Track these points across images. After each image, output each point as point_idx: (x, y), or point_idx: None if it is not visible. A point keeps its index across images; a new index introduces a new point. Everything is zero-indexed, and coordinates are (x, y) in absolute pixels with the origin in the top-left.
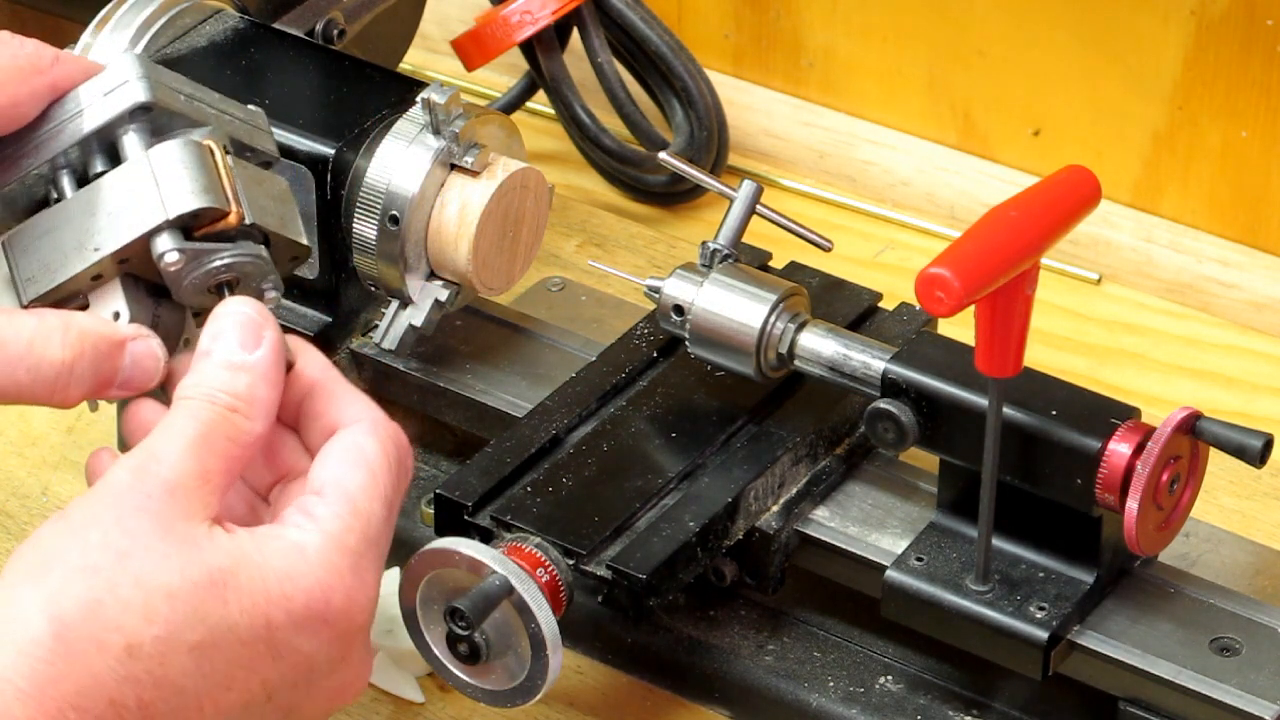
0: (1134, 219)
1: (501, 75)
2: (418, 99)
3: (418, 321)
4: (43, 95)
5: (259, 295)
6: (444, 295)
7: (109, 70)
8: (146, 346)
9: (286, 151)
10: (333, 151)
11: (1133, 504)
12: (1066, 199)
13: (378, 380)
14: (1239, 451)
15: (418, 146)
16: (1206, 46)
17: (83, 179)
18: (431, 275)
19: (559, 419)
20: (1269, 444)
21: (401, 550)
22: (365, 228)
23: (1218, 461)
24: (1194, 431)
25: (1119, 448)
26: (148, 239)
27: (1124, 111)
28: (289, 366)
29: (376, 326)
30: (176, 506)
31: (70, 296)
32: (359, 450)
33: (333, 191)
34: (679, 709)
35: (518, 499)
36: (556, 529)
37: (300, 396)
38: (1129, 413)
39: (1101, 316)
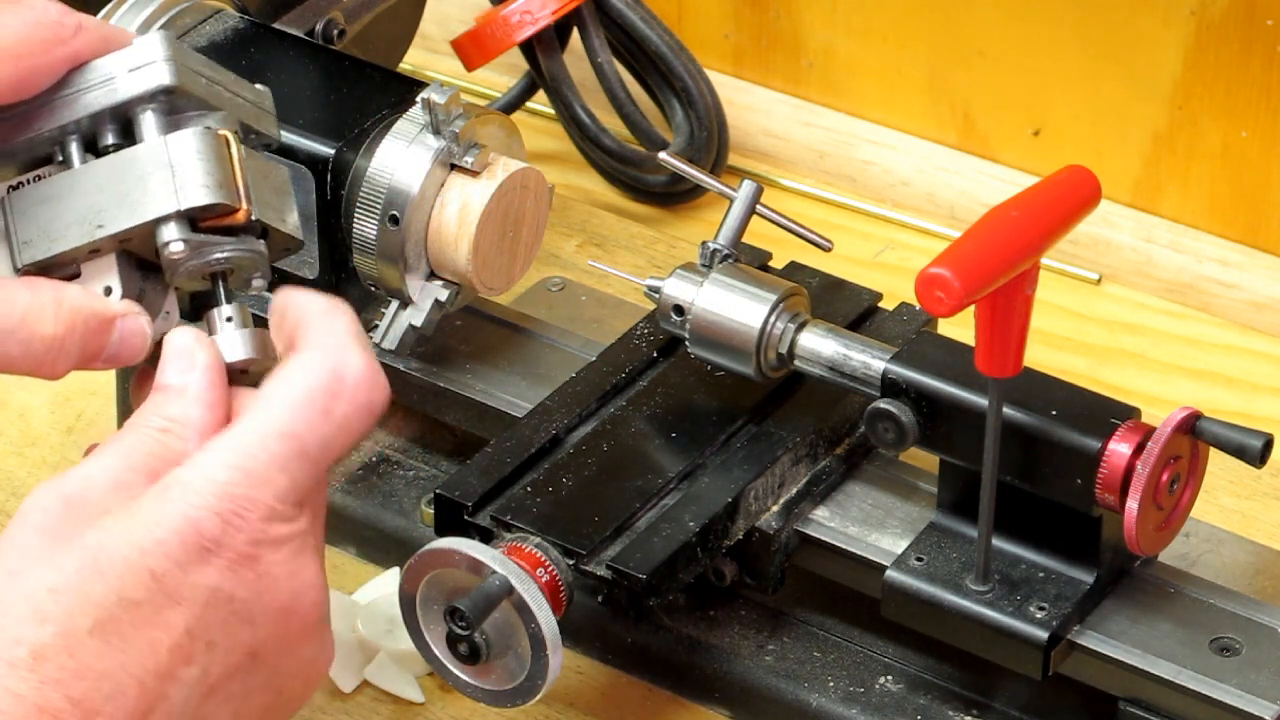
0: (1134, 219)
1: (501, 75)
2: (418, 99)
3: (418, 321)
4: (63, 65)
5: (247, 285)
6: (444, 295)
7: (136, 46)
8: (136, 324)
9: (286, 151)
10: (333, 151)
11: (1133, 504)
12: (1066, 199)
13: None
14: (1239, 451)
15: (418, 146)
16: (1206, 46)
17: (91, 148)
18: (431, 275)
19: (559, 419)
20: (1269, 444)
21: (401, 550)
22: (365, 228)
23: (1218, 461)
24: (1194, 431)
25: (1119, 448)
26: (154, 224)
27: (1124, 111)
28: (272, 365)
29: (376, 326)
30: (71, 515)
31: (64, 265)
32: (269, 392)
33: (333, 191)
34: (679, 709)
35: (518, 499)
36: (556, 529)
37: (290, 330)
38: (1129, 413)
39: (1101, 316)
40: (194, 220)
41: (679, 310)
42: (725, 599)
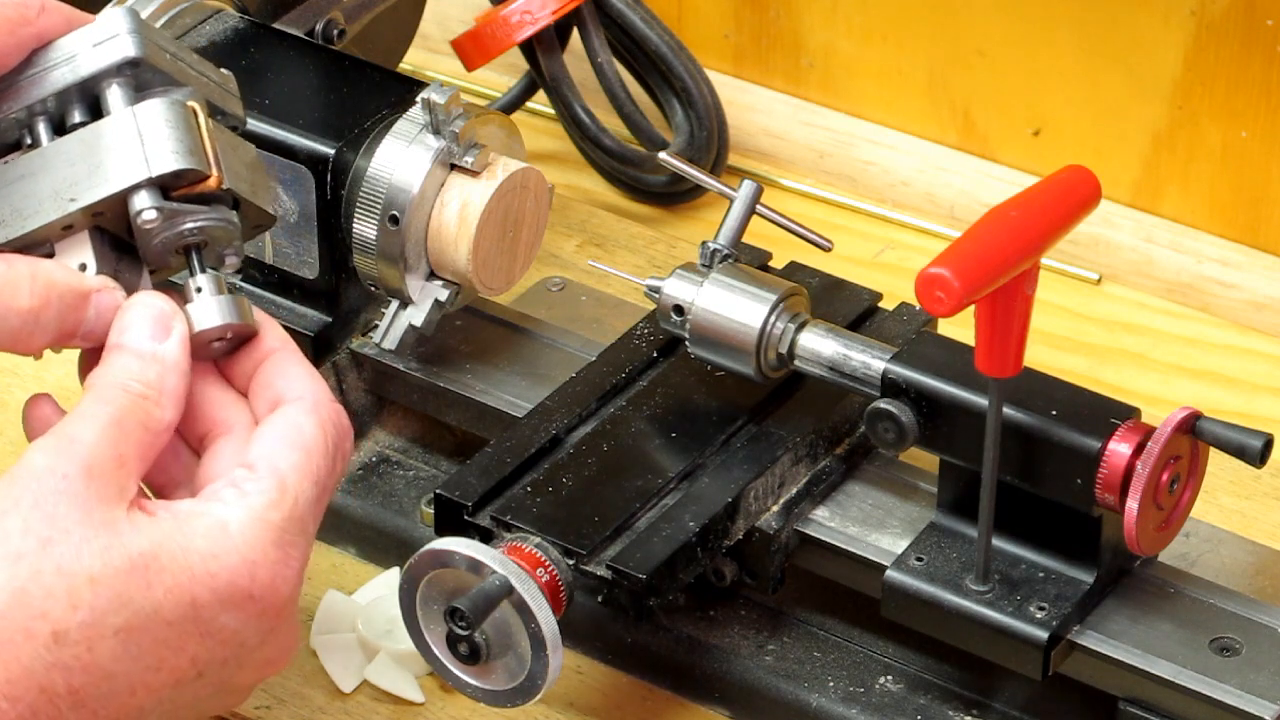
0: (1134, 219)
1: (501, 75)
2: (418, 99)
3: (418, 321)
4: (28, 45)
5: (220, 261)
6: (444, 295)
7: (99, 22)
8: (111, 299)
9: (287, 151)
10: (333, 151)
11: (1133, 504)
12: (1066, 199)
13: (378, 380)
14: (1239, 451)
15: (418, 146)
16: (1206, 46)
17: (59, 128)
18: (431, 275)
19: (559, 419)
20: (1269, 444)
21: (401, 550)
22: (365, 228)
23: (1218, 461)
24: (1194, 431)
25: (1119, 448)
26: (126, 195)
27: (1124, 111)
28: (250, 335)
29: (376, 326)
30: (94, 490)
31: (38, 244)
32: (296, 429)
33: (333, 191)
34: (679, 709)
35: (518, 499)
36: (556, 529)
37: (254, 365)
38: (1129, 413)
39: (1101, 316)
40: (166, 189)
41: (679, 310)
42: (725, 599)
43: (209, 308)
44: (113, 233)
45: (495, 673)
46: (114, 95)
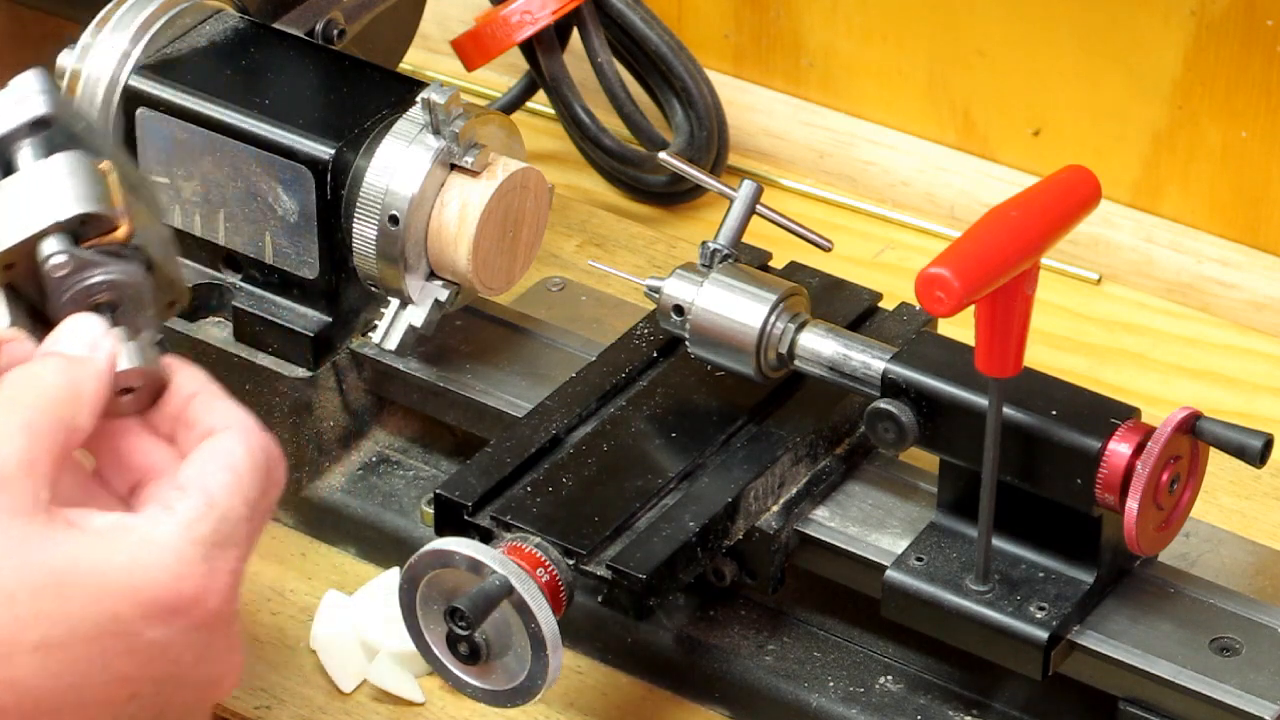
0: (1134, 219)
1: (501, 75)
2: (418, 99)
3: (418, 321)
4: None
5: (135, 330)
6: (444, 295)
7: (12, 84)
8: (23, 349)
9: (287, 151)
10: (333, 151)
11: (1133, 504)
12: (1066, 199)
13: (378, 380)
14: (1239, 451)
15: (418, 146)
16: (1206, 46)
17: None
18: (431, 275)
19: (559, 419)
20: (1269, 444)
21: (401, 550)
22: (365, 228)
23: (1218, 461)
24: (1194, 431)
25: (1119, 448)
26: (34, 242)
27: (1124, 111)
28: (163, 385)
29: (376, 326)
30: (4, 499)
31: None
32: (225, 452)
33: (333, 191)
34: (679, 709)
35: (518, 499)
36: (556, 529)
37: (177, 409)
38: (1129, 413)
39: (1101, 316)
40: (76, 238)
41: (679, 310)
42: (725, 599)
43: (127, 351)
44: (27, 298)
45: (495, 673)
46: (24, 154)
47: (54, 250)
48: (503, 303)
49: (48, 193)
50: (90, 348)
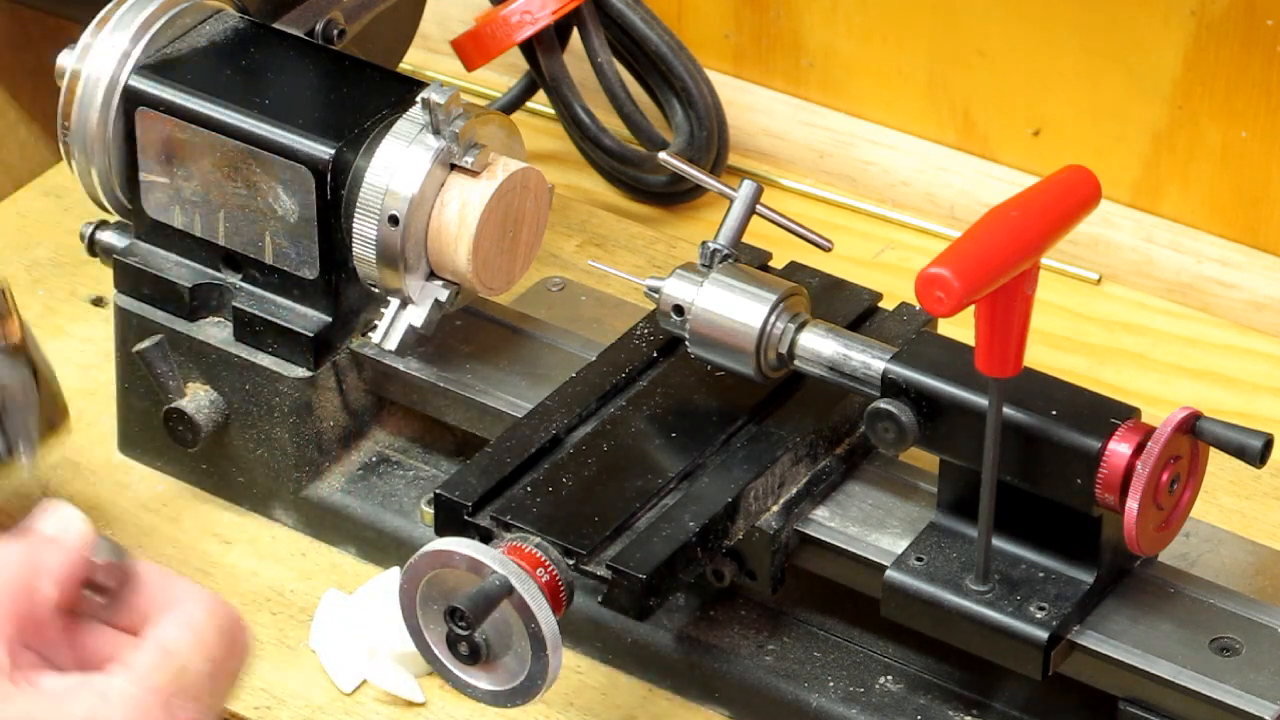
0: (1134, 219)
1: (501, 75)
2: (418, 99)
3: (418, 321)
4: None
5: (11, 446)
6: (444, 295)
7: None
8: None
9: (287, 151)
10: (333, 151)
11: (1133, 504)
12: (1066, 199)
13: (378, 380)
14: (1239, 451)
15: (418, 146)
16: (1206, 46)
17: None
18: (431, 275)
19: (559, 419)
20: (1269, 444)
21: (401, 550)
22: (365, 228)
23: (1218, 461)
24: (1194, 431)
25: (1119, 448)
26: None
27: (1124, 111)
28: (128, 579)
29: (376, 326)
30: None
31: None
32: (185, 615)
33: (333, 191)
34: (679, 709)
35: (518, 499)
36: (556, 529)
37: (141, 599)
38: (1129, 413)
39: (1101, 316)
40: None
41: (679, 310)
42: (725, 599)
43: (92, 542)
44: None
45: (495, 673)
46: None
47: None
48: (503, 303)
49: None
50: (61, 530)
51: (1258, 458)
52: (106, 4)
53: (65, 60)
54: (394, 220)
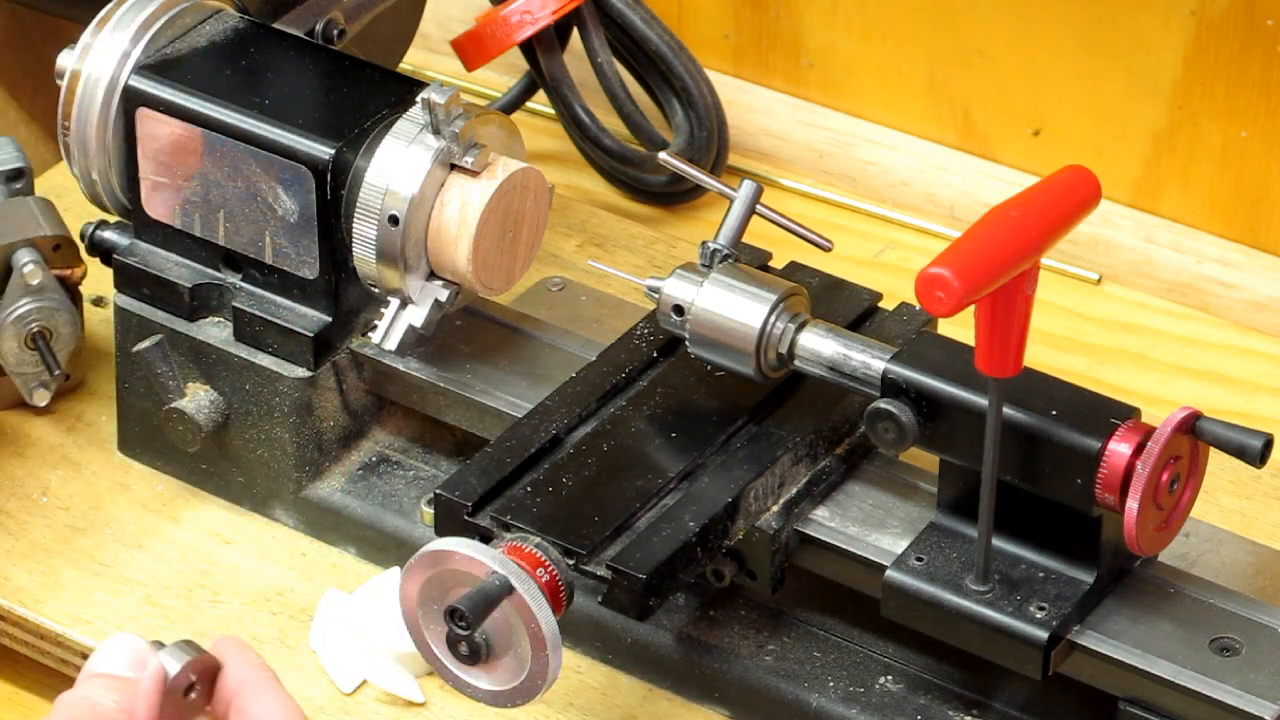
0: (1134, 219)
1: (501, 75)
2: (418, 99)
3: (418, 321)
4: None
5: (58, 364)
6: (444, 295)
7: None
8: None
9: (287, 151)
10: (333, 151)
11: (1133, 504)
12: (1066, 199)
13: (378, 380)
14: (1239, 451)
15: (418, 146)
16: (1206, 46)
17: None
18: (431, 275)
19: (559, 419)
20: (1269, 444)
21: (401, 550)
22: (365, 228)
23: (1218, 461)
24: (1194, 431)
25: (1119, 448)
26: (10, 251)
27: (1124, 111)
28: (217, 669)
29: (376, 326)
30: None
31: None
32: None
33: (332, 191)
34: (679, 709)
35: (518, 499)
36: (556, 529)
37: (230, 693)
38: (1129, 413)
39: (1101, 316)
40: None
41: (679, 310)
42: (725, 599)
43: (168, 656)
44: None
45: (495, 673)
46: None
47: (27, 260)
48: (503, 303)
49: (25, 219)
50: (135, 667)
51: (1258, 458)
52: (106, 4)
53: (65, 60)
54: (394, 220)
